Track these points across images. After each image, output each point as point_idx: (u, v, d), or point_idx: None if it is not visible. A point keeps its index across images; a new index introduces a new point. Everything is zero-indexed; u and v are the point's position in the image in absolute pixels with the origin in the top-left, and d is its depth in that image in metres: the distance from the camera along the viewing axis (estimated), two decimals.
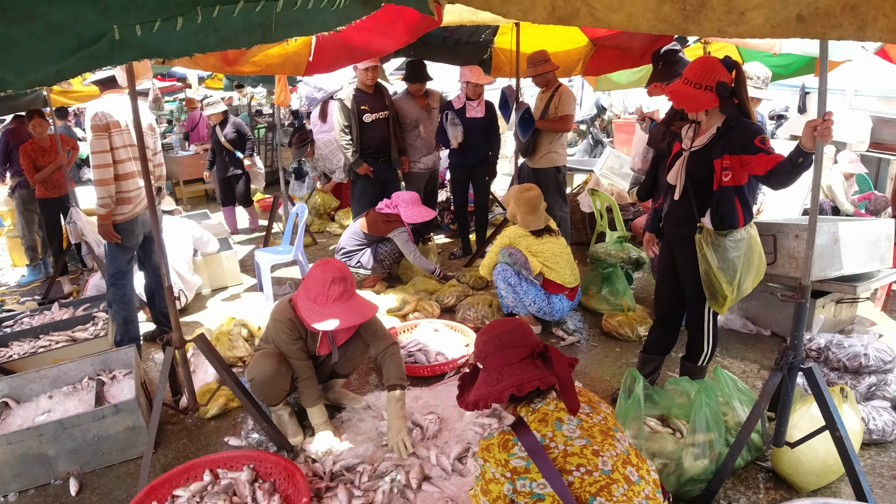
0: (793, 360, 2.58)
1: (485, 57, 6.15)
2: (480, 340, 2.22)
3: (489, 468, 1.96)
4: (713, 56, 3.28)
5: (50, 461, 3.23)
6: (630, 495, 1.85)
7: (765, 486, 2.95)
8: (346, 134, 5.72)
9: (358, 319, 3.12)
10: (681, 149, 3.24)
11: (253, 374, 3.26)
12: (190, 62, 3.80)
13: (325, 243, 7.75)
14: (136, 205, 4.16)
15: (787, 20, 1.53)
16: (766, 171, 2.81)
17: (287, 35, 1.43)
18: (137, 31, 1.25)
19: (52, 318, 5.18)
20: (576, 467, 1.86)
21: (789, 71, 5.98)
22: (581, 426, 1.96)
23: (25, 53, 1.20)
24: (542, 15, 1.61)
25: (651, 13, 1.60)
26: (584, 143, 11.55)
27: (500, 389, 2.04)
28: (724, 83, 2.92)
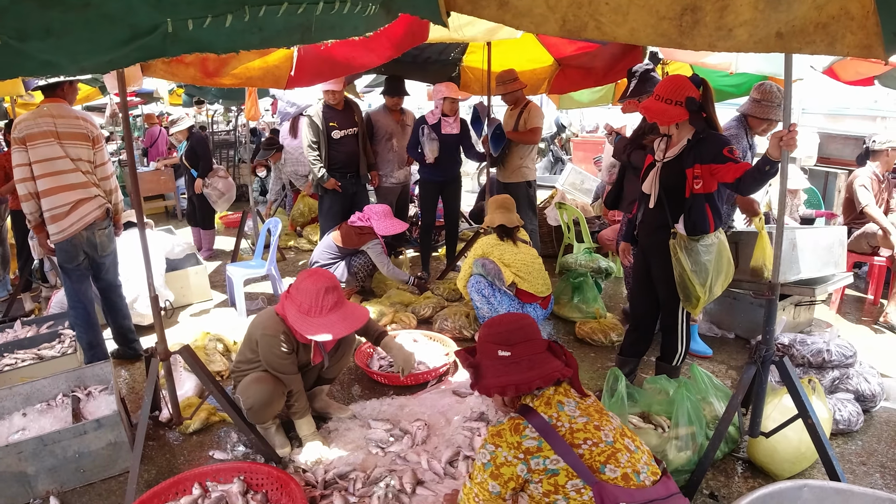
0: (765, 353, 2.77)
1: (453, 75, 6.29)
2: (507, 328, 2.27)
3: (501, 453, 2.03)
4: (682, 74, 3.47)
5: (29, 479, 3.12)
6: (633, 461, 2.02)
7: (743, 476, 3.10)
8: (313, 150, 5.75)
9: (355, 327, 3.17)
10: (654, 160, 3.41)
11: (251, 401, 3.18)
12: (168, 73, 3.77)
13: (294, 258, 7.72)
14: (71, 224, 3.96)
15: (768, 37, 1.71)
16: (734, 179, 3.02)
17: (323, 38, 1.48)
18: (189, 25, 1.29)
19: (16, 335, 5.02)
20: (583, 441, 2.01)
21: (741, 91, 6.22)
22: (579, 406, 2.13)
23: (79, 41, 1.23)
24: (553, 28, 1.71)
25: (651, 28, 1.73)
26: (544, 161, 11.81)
27: (532, 378, 2.14)
28: (692, 98, 3.14)
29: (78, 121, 3.95)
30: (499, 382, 2.18)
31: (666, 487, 2.02)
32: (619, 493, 1.91)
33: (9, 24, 1.19)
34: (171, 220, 10.30)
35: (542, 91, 6.23)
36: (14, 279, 6.76)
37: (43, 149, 3.81)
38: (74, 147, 3.92)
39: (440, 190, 6.19)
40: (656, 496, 1.96)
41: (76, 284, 4.19)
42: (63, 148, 3.87)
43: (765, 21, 1.67)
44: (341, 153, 5.83)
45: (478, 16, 1.73)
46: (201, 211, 7.67)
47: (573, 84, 6.07)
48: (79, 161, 3.96)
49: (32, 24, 1.21)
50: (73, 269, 4.12)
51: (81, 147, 3.96)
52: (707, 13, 1.69)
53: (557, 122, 12.35)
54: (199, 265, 6.17)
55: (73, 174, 3.92)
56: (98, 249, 4.16)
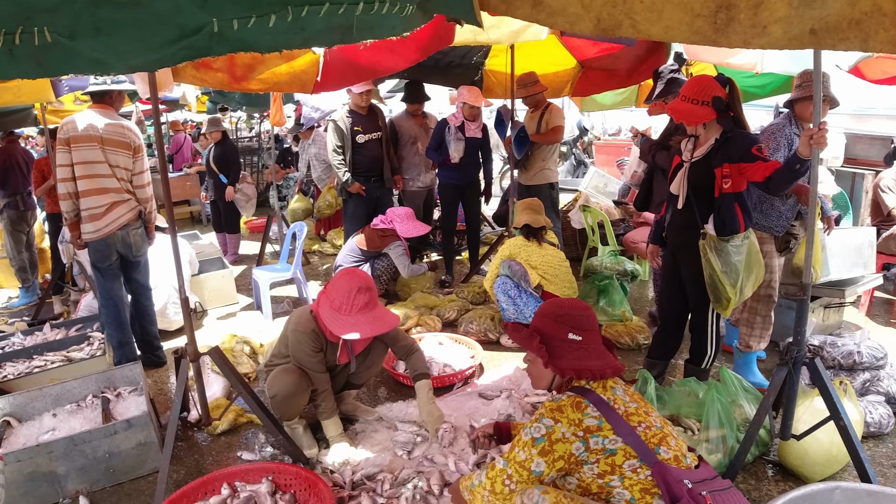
0: (797, 354, 2.73)
1: (476, 79, 6.30)
2: (579, 313, 2.27)
3: (559, 428, 2.01)
4: (708, 74, 3.45)
5: (59, 479, 3.16)
6: (680, 447, 2.05)
7: (773, 479, 3.06)
8: (338, 154, 5.78)
9: (381, 329, 3.16)
10: (681, 161, 3.40)
11: (275, 390, 3.26)
12: (198, 78, 3.83)
13: (317, 263, 7.77)
14: (107, 225, 4.10)
15: (802, 34, 1.69)
16: (764, 178, 3.00)
17: (362, 38, 1.50)
18: (234, 25, 1.31)
19: (45, 338, 5.11)
20: (637, 424, 2.02)
21: (766, 91, 6.19)
22: (627, 392, 2.15)
23: (128, 40, 1.26)
24: (588, 27, 1.71)
25: (686, 26, 1.73)
26: (567, 164, 11.78)
27: (604, 366, 2.16)
28: (719, 98, 3.12)
29: (122, 129, 4.11)
30: (578, 365, 2.16)
31: (708, 470, 2.05)
32: (680, 473, 1.94)
33: (60, 22, 1.23)
34: (196, 225, 10.42)
35: (564, 94, 6.22)
36: (43, 283, 6.88)
37: (85, 151, 3.97)
38: (115, 154, 4.07)
39: (460, 194, 6.19)
40: (707, 476, 1.99)
41: (108, 283, 4.30)
42: (104, 153, 4.02)
43: (799, 18, 1.66)
44: (365, 157, 5.85)
45: (511, 15, 1.73)
46: (227, 216, 7.81)
47: (596, 86, 6.06)
48: (116, 168, 4.09)
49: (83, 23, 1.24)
50: (105, 269, 4.25)
51: (121, 154, 4.10)
52: (741, 10, 1.68)
53: (580, 125, 12.32)
54: (225, 269, 6.23)
55: (109, 179, 4.07)
56: (133, 249, 4.29)
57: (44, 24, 1.27)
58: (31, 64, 1.29)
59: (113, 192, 4.09)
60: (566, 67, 5.98)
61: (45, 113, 6.14)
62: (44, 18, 1.27)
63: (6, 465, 3.02)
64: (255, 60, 3.89)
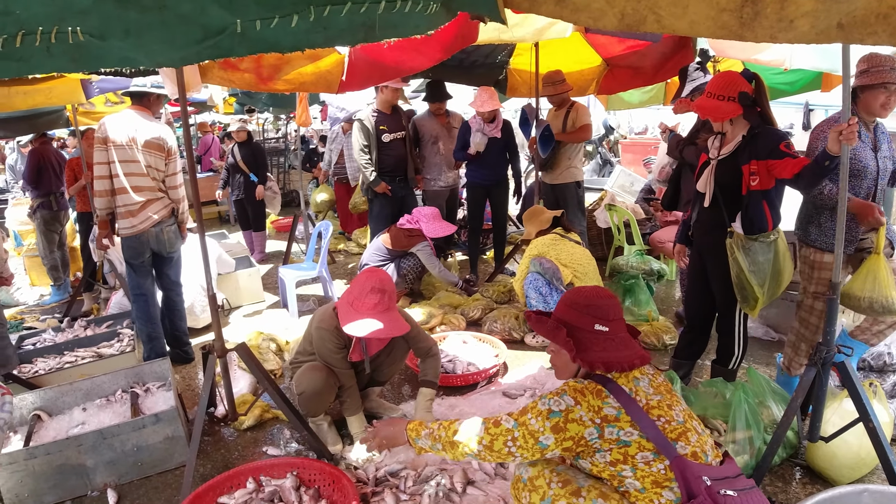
0: (826, 355, 2.68)
1: (500, 78, 6.28)
2: (605, 303, 2.18)
3: (578, 410, 1.96)
4: (734, 70, 3.40)
5: (87, 472, 3.21)
6: (701, 443, 2.00)
7: (801, 482, 3.01)
8: (365, 153, 5.81)
9: (385, 334, 3.17)
10: (708, 158, 3.36)
11: (303, 387, 3.29)
12: (225, 79, 3.88)
13: (343, 262, 7.83)
14: (142, 222, 4.22)
15: (829, 28, 1.67)
16: (792, 175, 2.96)
17: (385, 36, 1.51)
18: (257, 25, 1.34)
19: (76, 334, 5.21)
20: (657, 418, 1.98)
21: (795, 88, 6.10)
22: (652, 383, 2.08)
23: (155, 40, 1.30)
24: (612, 22, 1.70)
25: (711, 21, 1.71)
26: (592, 163, 11.71)
27: (632, 356, 2.08)
28: (745, 93, 3.08)
29: (157, 132, 4.22)
30: (606, 357, 2.08)
31: (731, 468, 2.00)
32: (699, 469, 1.91)
33: (91, 24, 1.28)
34: (223, 224, 10.55)
35: (590, 92, 6.17)
36: (74, 281, 7.02)
37: (122, 151, 4.09)
38: (149, 155, 4.17)
39: (487, 193, 6.20)
40: (728, 474, 1.95)
41: (140, 279, 4.40)
42: (140, 153, 4.13)
43: (826, 11, 1.64)
44: (391, 157, 5.88)
45: (535, 12, 1.73)
46: (255, 214, 7.93)
47: (622, 84, 6.00)
48: (149, 168, 4.20)
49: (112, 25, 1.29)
50: (138, 265, 4.36)
51: (155, 156, 4.21)
52: (767, 4, 1.66)
53: (605, 123, 12.25)
54: (252, 268, 6.31)
55: (144, 178, 4.18)
56: (166, 246, 4.40)
57: (77, 25, 1.33)
58: (65, 60, 1.35)
59: (147, 190, 4.21)
60: (591, 65, 5.93)
61: (77, 114, 6.25)
62: (77, 20, 1.33)
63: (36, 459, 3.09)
64: (281, 61, 3.92)
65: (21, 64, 1.34)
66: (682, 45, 4.81)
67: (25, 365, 4.62)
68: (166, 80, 3.63)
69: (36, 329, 5.49)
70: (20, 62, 1.33)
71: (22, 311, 6.59)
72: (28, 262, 7.43)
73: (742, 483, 1.96)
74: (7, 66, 1.33)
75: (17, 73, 1.35)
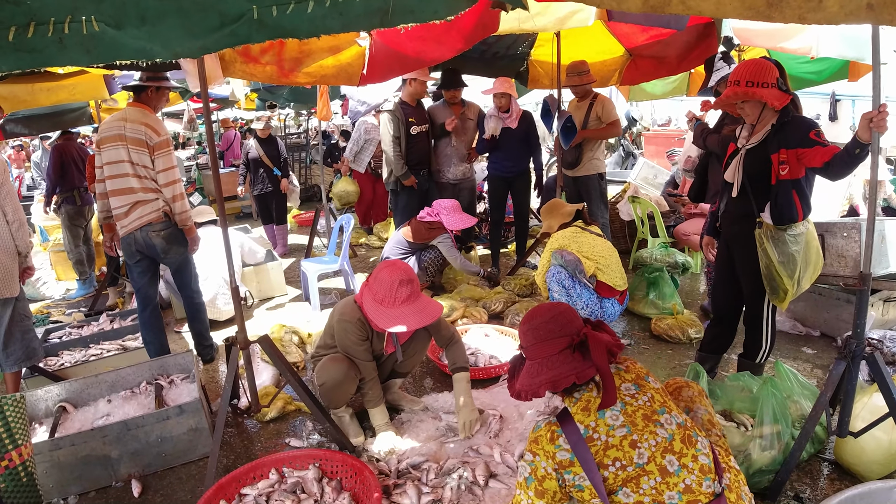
0: (856, 348, 2.62)
1: (521, 69, 6.23)
2: (522, 330, 2.20)
3: (540, 463, 1.96)
4: (758, 58, 3.31)
5: (112, 463, 3.24)
6: (661, 488, 1.87)
7: (829, 477, 2.94)
8: (397, 145, 5.78)
9: (426, 321, 3.16)
10: (736, 148, 3.29)
11: (323, 378, 3.29)
12: (247, 73, 3.89)
13: (364, 255, 7.84)
14: (130, 223, 4.07)
15: (859, 9, 1.62)
16: (823, 163, 2.88)
17: (402, 21, 1.49)
18: (274, 12, 1.33)
19: (101, 328, 5.27)
20: (612, 461, 1.91)
21: (822, 77, 5.99)
22: (625, 411, 1.97)
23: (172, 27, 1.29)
24: (636, 4, 1.66)
25: (738, 1, 1.66)
26: (615, 156, 11.60)
27: (538, 384, 2.03)
28: (781, 79, 2.99)
29: (141, 127, 3.98)
30: (519, 386, 2.12)
31: None
32: None
33: (106, 12, 1.27)
34: (245, 219, 10.62)
35: (612, 83, 6.10)
36: (100, 276, 7.10)
37: (111, 151, 3.98)
38: (137, 152, 3.98)
39: (509, 185, 6.14)
40: None
41: (137, 280, 4.32)
42: (128, 152, 3.97)
43: None
44: (417, 150, 5.86)
45: None
46: (278, 208, 8.02)
47: (645, 74, 5.92)
48: (138, 166, 4.01)
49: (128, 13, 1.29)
50: (133, 266, 4.28)
51: (140, 152, 3.99)
52: None
53: (628, 115, 12.12)
54: (274, 261, 6.34)
55: (133, 178, 4.02)
56: (157, 250, 4.18)
57: (91, 13, 1.32)
58: (79, 52, 1.34)
59: (139, 191, 4.04)
60: (614, 56, 5.86)
61: (100, 111, 6.32)
62: (91, 8, 1.32)
63: (61, 450, 3.12)
64: (303, 54, 3.92)
65: (34, 56, 1.32)
66: (706, 34, 4.73)
67: (51, 358, 4.68)
68: (188, 73, 3.63)
69: (62, 322, 5.56)
70: (33, 53, 1.32)
71: (48, 306, 6.69)
72: (54, 257, 7.53)
73: None
74: (20, 58, 1.32)
75: (30, 64, 1.34)
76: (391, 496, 2.84)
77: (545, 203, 4.97)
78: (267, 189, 7.91)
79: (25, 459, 2.68)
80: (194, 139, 16.43)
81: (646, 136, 11.83)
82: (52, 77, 5.08)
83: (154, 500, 3.09)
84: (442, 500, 2.79)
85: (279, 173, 7.83)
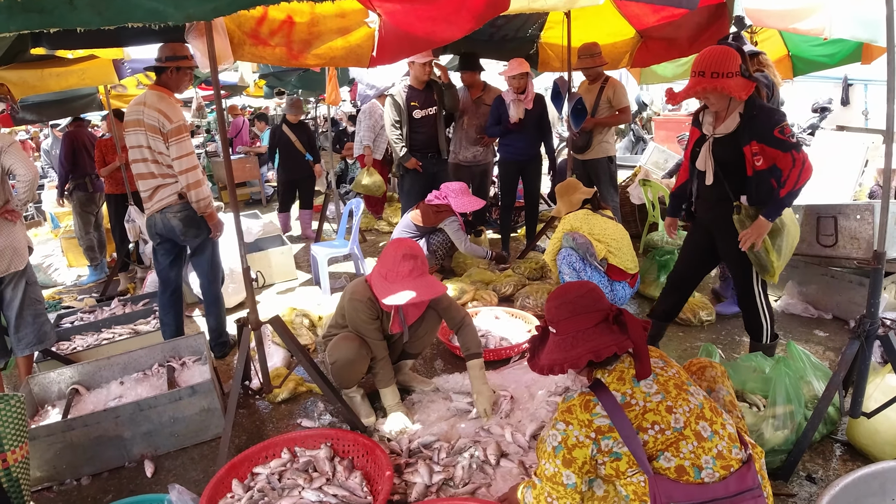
0: (870, 327, 2.60)
1: (531, 52, 6.18)
2: (553, 304, 2.18)
3: (572, 432, 1.94)
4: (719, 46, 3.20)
5: (125, 443, 3.26)
6: (698, 452, 1.89)
7: (841, 458, 2.92)
8: (396, 129, 5.78)
9: (426, 296, 3.16)
10: (703, 134, 3.24)
11: (335, 356, 3.30)
12: (256, 56, 3.86)
13: (374, 240, 7.85)
14: (151, 207, 4.07)
15: None
16: (772, 184, 3.00)
17: None
18: None
19: (113, 313, 5.30)
20: (651, 425, 1.91)
21: (835, 60, 5.91)
22: (657, 380, 2.00)
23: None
24: None
25: None
26: (625, 141, 11.53)
27: (577, 355, 2.02)
28: (744, 65, 2.96)
29: (154, 113, 3.87)
30: (543, 361, 2.13)
31: (739, 481, 1.88)
32: (674, 491, 1.83)
33: None
34: (255, 206, 10.63)
35: (623, 65, 6.04)
36: (111, 261, 7.14)
37: (131, 137, 3.96)
38: (153, 139, 3.90)
39: (520, 170, 6.12)
40: (718, 495, 1.85)
41: (160, 262, 4.34)
42: (146, 138, 3.91)
43: None
44: (421, 133, 5.84)
45: None
46: (306, 193, 8.11)
47: (656, 56, 5.85)
48: (155, 152, 3.95)
49: None
50: (157, 248, 4.31)
51: (155, 139, 3.91)
52: None
53: (638, 99, 12.02)
54: (284, 246, 6.35)
55: (153, 164, 3.97)
56: (177, 232, 4.11)
57: None
58: (91, 14, 1.32)
59: (158, 176, 4.00)
60: (624, 38, 5.80)
61: (109, 97, 6.31)
62: None
63: (74, 431, 3.13)
64: (312, 35, 3.89)
65: (44, 16, 1.31)
66: (718, 15, 4.68)
67: (64, 342, 4.72)
68: (196, 51, 3.60)
69: (73, 308, 5.59)
70: (42, 14, 1.30)
71: (60, 292, 6.73)
72: (65, 244, 7.57)
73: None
74: (29, 19, 1.31)
75: (39, 25, 1.33)
76: (403, 475, 2.85)
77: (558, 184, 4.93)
78: (297, 175, 7.96)
79: (10, 466, 2.57)
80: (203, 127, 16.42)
81: (656, 121, 11.73)
82: (61, 62, 5.07)
83: (167, 480, 3.09)
84: (453, 479, 2.80)
85: (311, 158, 7.86)
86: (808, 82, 9.93)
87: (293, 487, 2.76)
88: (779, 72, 4.34)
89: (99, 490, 3.12)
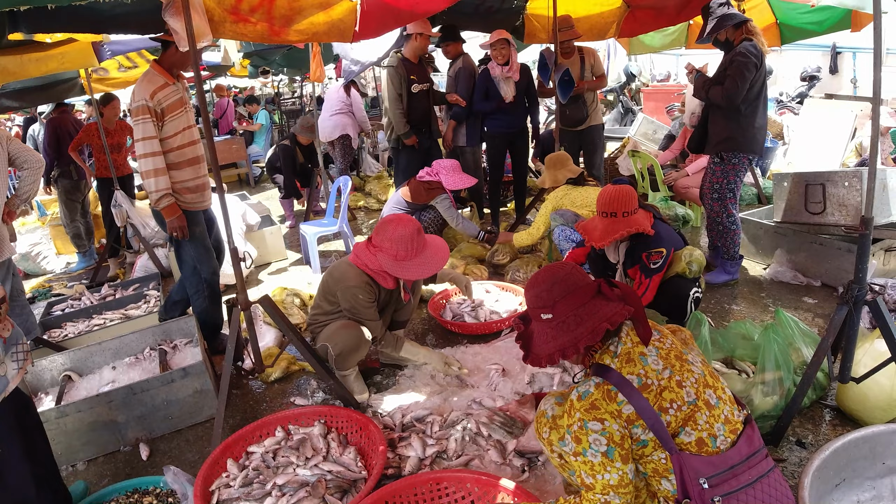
0: (858, 293, 2.59)
1: (517, 24, 6.11)
2: (542, 288, 2.03)
3: (612, 428, 1.82)
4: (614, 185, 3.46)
5: (119, 427, 3.26)
6: (711, 421, 1.89)
7: (831, 423, 2.94)
8: (399, 102, 5.67)
9: (446, 257, 3.37)
10: None
11: (340, 347, 3.28)
12: (236, 33, 3.80)
13: (364, 218, 7.83)
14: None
15: None
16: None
17: None
18: None
19: (104, 298, 5.27)
20: (669, 404, 1.87)
21: (823, 28, 5.87)
22: (660, 355, 1.95)
23: None
24: None
25: None
26: (614, 112, 11.49)
27: (587, 330, 1.91)
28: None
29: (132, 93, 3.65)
30: (546, 350, 1.97)
31: (748, 443, 1.89)
32: (700, 466, 1.82)
33: None
34: (244, 186, 10.57)
35: (610, 35, 6.00)
36: (99, 248, 7.08)
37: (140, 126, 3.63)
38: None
39: (509, 142, 6.06)
40: (735, 461, 1.85)
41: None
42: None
43: None
44: (417, 108, 5.77)
45: None
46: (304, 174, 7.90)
47: (644, 26, 5.82)
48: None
49: None
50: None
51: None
52: None
53: (627, 70, 11.95)
54: (273, 226, 6.32)
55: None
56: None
57: None
58: None
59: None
60: (611, 7, 5.74)
61: (91, 81, 6.21)
62: None
63: (67, 417, 3.12)
64: (293, 11, 3.83)
65: None
66: None
67: (55, 330, 4.69)
68: (176, 33, 3.49)
69: (63, 295, 5.56)
70: None
71: (49, 280, 6.69)
72: (53, 232, 7.49)
73: (753, 471, 1.86)
74: None
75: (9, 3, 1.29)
76: (396, 449, 2.86)
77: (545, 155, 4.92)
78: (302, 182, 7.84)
79: None
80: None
81: (645, 92, 11.67)
82: (40, 47, 4.98)
83: (162, 463, 3.10)
84: (447, 451, 2.81)
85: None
86: (797, 51, 9.90)
87: (287, 465, 2.77)
88: (766, 40, 4.31)
89: (95, 474, 3.12)
